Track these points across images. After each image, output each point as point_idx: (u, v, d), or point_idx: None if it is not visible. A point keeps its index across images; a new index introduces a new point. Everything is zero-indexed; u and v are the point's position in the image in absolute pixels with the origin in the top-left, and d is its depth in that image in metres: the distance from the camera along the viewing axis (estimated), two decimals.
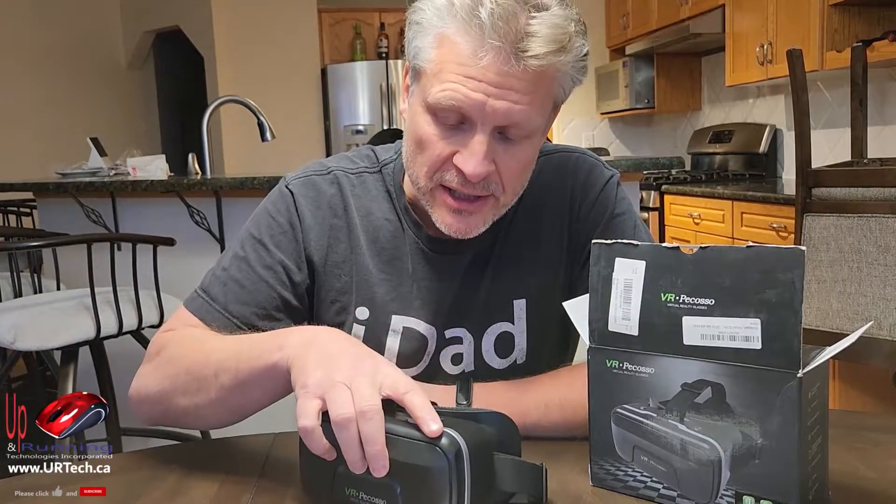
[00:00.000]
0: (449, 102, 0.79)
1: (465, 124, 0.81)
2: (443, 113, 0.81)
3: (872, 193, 1.89)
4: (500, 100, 0.78)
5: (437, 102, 0.80)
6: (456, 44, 0.78)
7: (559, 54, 0.78)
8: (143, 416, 0.87)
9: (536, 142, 0.86)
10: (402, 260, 0.95)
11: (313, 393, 0.63)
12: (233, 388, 0.76)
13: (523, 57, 0.76)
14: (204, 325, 0.90)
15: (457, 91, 0.78)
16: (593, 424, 0.72)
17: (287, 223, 0.94)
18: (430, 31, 0.81)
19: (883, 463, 0.75)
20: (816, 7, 2.97)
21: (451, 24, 0.78)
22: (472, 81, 0.78)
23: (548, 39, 0.77)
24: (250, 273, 0.92)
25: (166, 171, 2.72)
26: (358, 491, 0.64)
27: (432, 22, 0.80)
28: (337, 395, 0.62)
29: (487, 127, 0.80)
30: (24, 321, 1.86)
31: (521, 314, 0.96)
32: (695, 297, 0.65)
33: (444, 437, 0.60)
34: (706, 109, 4.58)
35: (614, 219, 0.96)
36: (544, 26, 0.77)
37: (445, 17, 0.79)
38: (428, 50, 0.81)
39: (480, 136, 0.80)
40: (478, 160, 0.80)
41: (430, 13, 0.80)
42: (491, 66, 0.77)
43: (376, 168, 0.98)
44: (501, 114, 0.79)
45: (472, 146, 0.80)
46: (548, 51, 0.77)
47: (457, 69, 0.78)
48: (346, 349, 0.68)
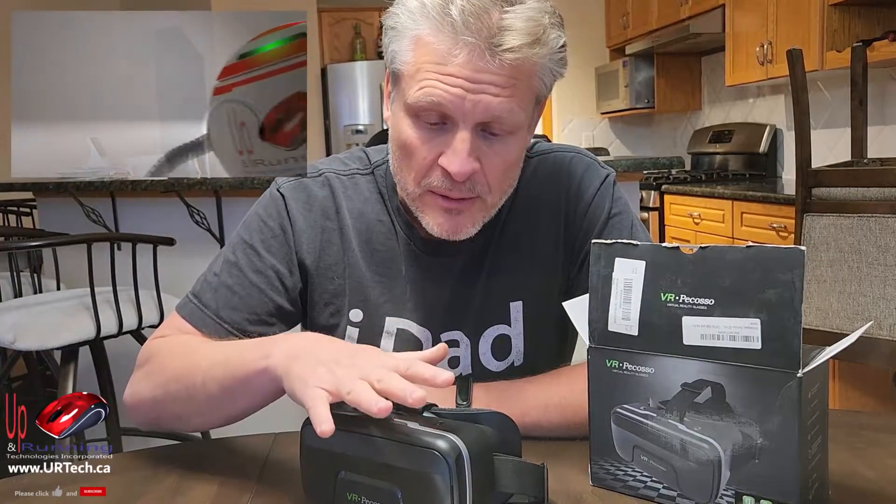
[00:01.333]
0: (428, 100, 0.79)
1: (446, 123, 0.81)
2: (424, 113, 0.81)
3: (872, 193, 1.89)
4: (479, 94, 0.78)
5: (416, 102, 0.80)
6: (430, 44, 0.79)
7: (534, 46, 0.78)
8: (139, 421, 0.88)
9: (521, 138, 0.86)
10: (395, 262, 0.95)
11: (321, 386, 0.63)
12: (220, 396, 0.77)
13: (498, 52, 0.77)
14: (196, 330, 0.91)
15: (435, 88, 0.79)
16: (593, 424, 0.72)
17: (278, 227, 0.94)
18: (405, 34, 0.81)
19: (882, 462, 0.75)
20: (816, 7, 2.97)
21: (425, 25, 0.79)
22: (450, 78, 0.78)
23: (522, 33, 0.77)
24: (241, 279, 0.92)
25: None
26: (360, 496, 0.64)
27: (406, 25, 0.81)
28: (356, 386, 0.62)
29: (469, 124, 0.80)
30: (24, 321, 1.86)
31: (518, 316, 0.95)
32: (695, 296, 0.65)
33: (445, 441, 0.60)
34: (706, 109, 4.58)
35: (611, 219, 0.96)
36: (518, 20, 0.77)
37: (418, 18, 0.79)
38: (405, 53, 0.81)
39: (463, 133, 0.80)
40: (462, 158, 0.81)
41: (403, 17, 0.81)
42: (466, 63, 0.77)
43: (368, 170, 0.98)
44: (481, 109, 0.79)
45: (455, 144, 0.81)
46: (522, 43, 0.77)
47: (433, 68, 0.79)
48: (334, 347, 0.71)
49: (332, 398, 0.62)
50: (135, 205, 2.54)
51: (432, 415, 0.67)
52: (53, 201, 2.64)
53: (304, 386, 0.64)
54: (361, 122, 5.22)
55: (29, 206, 3.39)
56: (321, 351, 0.69)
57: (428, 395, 0.70)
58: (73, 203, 2.51)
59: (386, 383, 0.62)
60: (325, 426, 0.60)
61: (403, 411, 0.68)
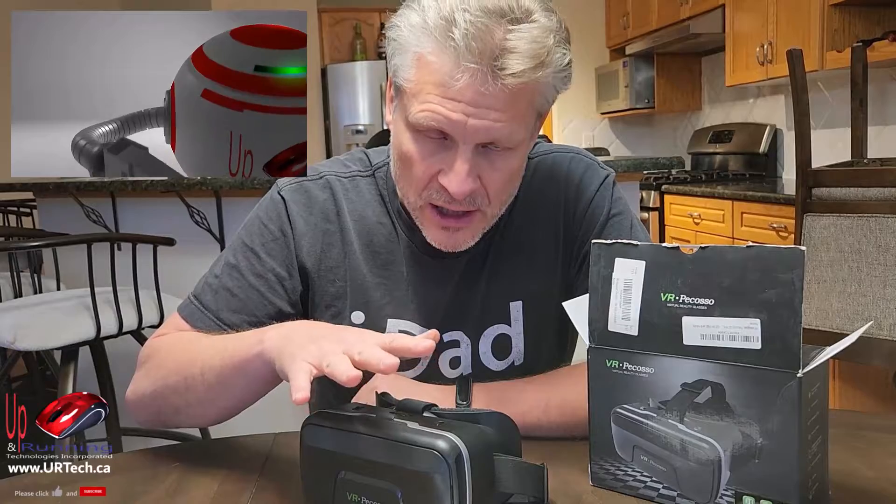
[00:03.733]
0: (429, 124, 0.79)
1: (447, 140, 0.81)
2: (424, 130, 0.81)
3: (872, 193, 1.89)
4: (480, 119, 0.78)
5: (417, 123, 0.80)
6: (432, 63, 0.78)
7: (538, 70, 0.77)
8: (139, 419, 0.90)
9: (521, 152, 0.86)
10: (396, 264, 0.95)
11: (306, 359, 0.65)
12: (217, 385, 0.79)
13: (500, 75, 0.76)
14: (196, 331, 0.92)
15: (436, 112, 0.78)
16: (593, 424, 0.72)
17: (278, 231, 0.94)
18: (408, 49, 0.80)
19: (882, 462, 0.75)
20: (816, 7, 2.97)
21: (427, 43, 0.78)
22: (451, 102, 0.78)
23: (525, 56, 0.76)
24: (242, 281, 0.93)
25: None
26: (360, 496, 0.64)
27: (409, 41, 0.80)
28: (335, 359, 0.63)
29: (469, 145, 0.80)
30: (24, 321, 1.86)
31: (518, 316, 0.95)
32: (695, 297, 0.65)
33: (445, 441, 0.60)
34: (706, 109, 4.58)
35: (611, 219, 0.96)
36: (522, 41, 0.76)
37: (420, 36, 0.79)
38: (407, 69, 0.81)
39: (463, 154, 0.80)
40: (461, 179, 0.81)
41: (405, 31, 0.80)
42: (468, 87, 0.77)
43: (369, 171, 0.98)
44: (482, 132, 0.79)
45: (456, 166, 0.81)
46: (525, 68, 0.76)
47: (434, 90, 0.78)
48: (326, 327, 0.73)
49: (315, 371, 0.63)
50: (135, 205, 2.54)
51: (432, 415, 0.67)
52: (53, 201, 2.64)
53: (292, 360, 0.66)
54: (361, 122, 5.22)
55: (29, 206, 3.39)
56: (313, 330, 0.72)
57: (428, 396, 0.70)
58: (74, 203, 2.51)
59: (365, 355, 0.63)
60: (299, 395, 0.61)
61: (403, 411, 0.68)
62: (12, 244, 2.19)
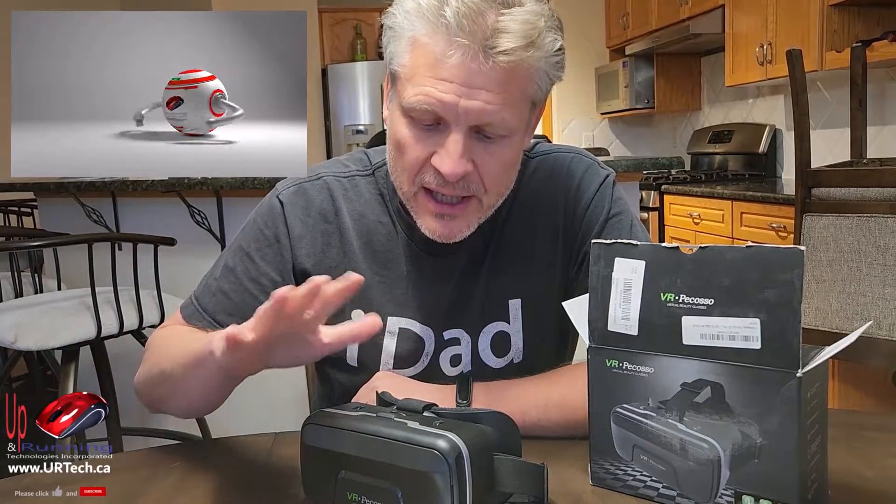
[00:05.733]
0: (422, 106, 0.80)
1: (441, 125, 0.82)
2: (418, 115, 0.82)
3: (871, 193, 1.89)
4: (472, 99, 0.79)
5: (411, 107, 0.81)
6: (426, 45, 0.80)
7: (528, 49, 0.79)
8: (143, 403, 0.94)
9: (517, 141, 0.86)
10: (396, 262, 0.95)
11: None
12: (180, 380, 0.81)
13: (492, 54, 0.77)
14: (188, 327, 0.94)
15: (429, 95, 0.79)
16: (593, 424, 0.72)
17: (273, 236, 0.95)
18: (403, 35, 0.82)
19: (882, 462, 0.75)
20: (816, 7, 2.97)
21: (420, 26, 0.80)
22: (444, 83, 0.79)
23: (517, 35, 0.78)
24: (237, 285, 0.94)
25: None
26: (360, 496, 0.64)
27: (403, 26, 0.81)
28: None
29: (462, 126, 0.81)
30: (24, 321, 1.86)
31: (517, 314, 0.96)
32: (694, 296, 0.65)
33: (445, 441, 0.61)
34: (706, 109, 4.58)
35: (611, 219, 0.96)
36: (513, 22, 0.78)
37: (414, 20, 0.80)
38: (402, 54, 0.82)
39: (456, 135, 0.81)
40: (454, 159, 0.81)
41: (400, 17, 0.82)
42: (460, 66, 0.78)
43: (369, 171, 0.98)
44: (474, 114, 0.80)
45: (448, 146, 0.82)
46: (516, 46, 0.77)
47: (428, 72, 0.80)
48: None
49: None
50: (135, 205, 2.54)
51: (432, 414, 0.67)
52: (54, 201, 2.64)
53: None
54: (362, 122, 5.22)
55: (30, 206, 3.39)
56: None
57: (428, 395, 0.70)
58: (74, 203, 2.51)
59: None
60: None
61: (403, 411, 0.68)
62: (13, 244, 2.19)
